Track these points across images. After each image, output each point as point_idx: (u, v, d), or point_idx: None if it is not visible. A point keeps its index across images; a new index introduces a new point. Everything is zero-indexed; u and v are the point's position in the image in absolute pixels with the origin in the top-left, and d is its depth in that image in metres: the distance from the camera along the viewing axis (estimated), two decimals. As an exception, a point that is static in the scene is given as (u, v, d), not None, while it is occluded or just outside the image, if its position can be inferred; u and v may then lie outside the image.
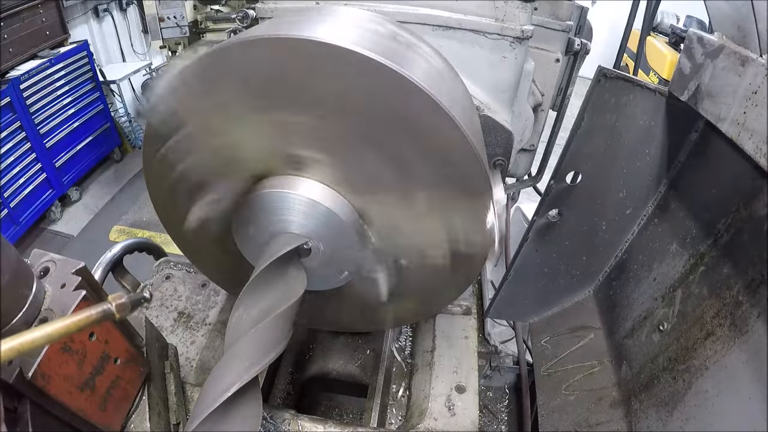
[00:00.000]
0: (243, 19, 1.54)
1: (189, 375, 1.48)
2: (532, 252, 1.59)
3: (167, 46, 5.54)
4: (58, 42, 5.70)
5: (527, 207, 3.69)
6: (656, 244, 1.45)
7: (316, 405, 2.21)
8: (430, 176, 0.98)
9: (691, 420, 1.12)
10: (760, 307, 1.02)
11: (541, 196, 1.50)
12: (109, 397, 1.03)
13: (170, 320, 1.67)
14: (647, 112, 1.30)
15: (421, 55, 1.08)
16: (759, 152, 0.94)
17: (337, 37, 0.86)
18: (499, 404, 1.99)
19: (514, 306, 1.76)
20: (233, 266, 1.26)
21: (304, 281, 1.07)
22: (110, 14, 6.97)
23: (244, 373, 0.92)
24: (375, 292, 1.23)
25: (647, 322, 1.39)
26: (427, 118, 0.89)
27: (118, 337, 1.05)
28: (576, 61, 1.87)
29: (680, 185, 1.40)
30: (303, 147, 0.99)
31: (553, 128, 2.10)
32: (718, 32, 1.13)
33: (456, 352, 1.63)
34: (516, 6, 1.29)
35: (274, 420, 1.37)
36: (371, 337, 1.97)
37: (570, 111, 1.90)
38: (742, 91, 1.00)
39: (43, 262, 0.97)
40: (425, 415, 1.43)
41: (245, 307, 1.00)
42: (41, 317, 0.88)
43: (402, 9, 1.33)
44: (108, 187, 6.43)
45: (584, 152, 1.36)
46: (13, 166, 4.99)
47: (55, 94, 5.50)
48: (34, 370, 0.82)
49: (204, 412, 0.87)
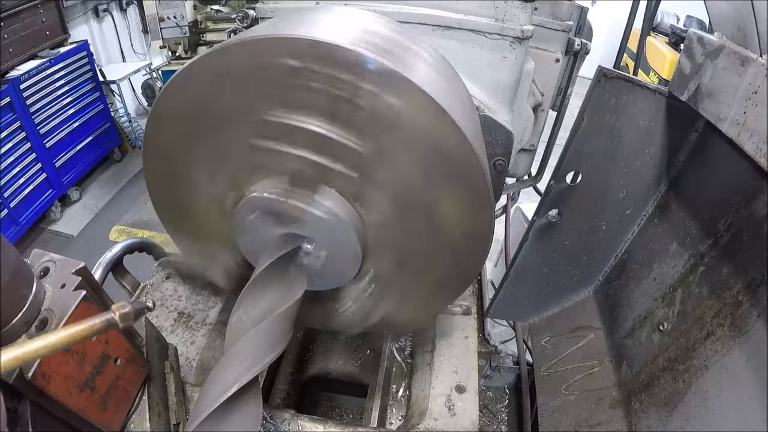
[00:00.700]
0: (243, 19, 1.54)
1: (189, 375, 1.48)
2: (532, 252, 1.59)
3: (167, 46, 5.54)
4: (58, 42, 5.71)
5: (527, 207, 3.69)
6: (656, 244, 1.45)
7: (316, 405, 2.22)
8: (430, 177, 0.98)
9: (691, 420, 1.12)
10: (760, 307, 1.02)
11: (541, 196, 1.50)
12: (109, 397, 1.03)
13: (170, 320, 1.67)
14: (647, 112, 1.30)
15: (422, 56, 1.08)
16: (759, 152, 0.94)
17: (337, 36, 0.86)
18: (499, 404, 1.98)
19: (514, 306, 1.76)
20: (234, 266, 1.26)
21: (305, 281, 1.07)
22: (110, 14, 6.98)
23: (245, 373, 0.92)
24: (374, 295, 1.23)
25: (647, 322, 1.39)
26: (428, 120, 0.89)
27: (118, 337, 1.05)
28: (576, 61, 1.87)
29: (680, 185, 1.40)
30: (304, 149, 0.99)
31: (553, 128, 2.10)
32: (718, 32, 1.13)
33: (456, 352, 1.63)
34: (516, 6, 1.29)
35: (274, 420, 1.37)
36: (371, 337, 1.97)
37: (570, 111, 1.90)
38: (742, 91, 1.00)
39: (43, 262, 0.97)
40: (425, 415, 1.43)
41: (246, 307, 1.00)
42: (41, 317, 0.88)
43: (402, 9, 1.33)
44: (108, 187, 6.43)
45: (584, 152, 1.36)
46: (13, 166, 4.99)
47: (55, 94, 5.51)
48: (34, 370, 0.82)
49: (204, 412, 0.87)
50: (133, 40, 7.52)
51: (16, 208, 5.03)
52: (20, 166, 5.07)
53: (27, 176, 5.18)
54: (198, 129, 1.02)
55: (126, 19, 7.34)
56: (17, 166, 5.04)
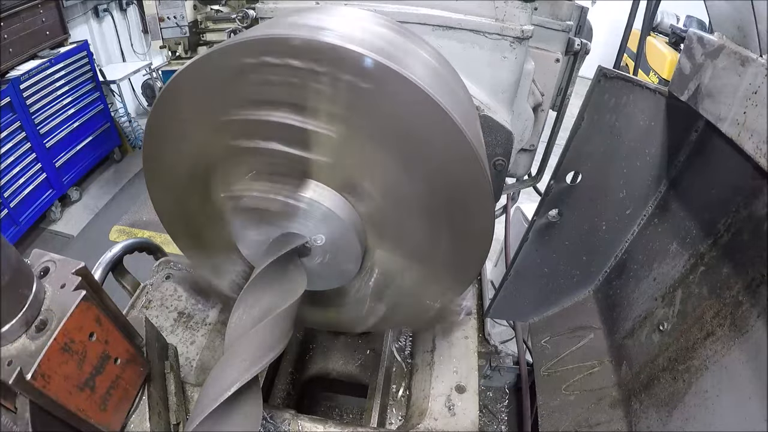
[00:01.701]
0: (243, 19, 1.54)
1: (189, 375, 1.48)
2: (532, 252, 1.60)
3: (167, 46, 5.55)
4: (58, 42, 5.71)
5: (527, 207, 3.69)
6: (656, 244, 1.45)
7: (316, 405, 2.22)
8: (430, 177, 0.98)
9: (691, 420, 1.12)
10: (760, 307, 1.02)
11: (541, 196, 1.50)
12: (109, 397, 1.03)
13: (170, 320, 1.67)
14: (647, 112, 1.30)
15: (421, 55, 1.08)
16: (759, 152, 0.94)
17: (337, 36, 0.86)
18: (499, 404, 1.99)
19: (514, 306, 1.76)
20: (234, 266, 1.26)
21: (305, 281, 1.07)
22: (110, 14, 6.98)
23: (245, 372, 0.92)
24: (375, 293, 1.23)
25: (647, 322, 1.39)
26: (428, 119, 0.89)
27: (118, 337, 1.05)
28: (576, 61, 1.87)
29: (680, 185, 1.40)
30: (305, 148, 0.99)
31: (553, 128, 2.10)
32: (718, 32, 1.13)
33: (456, 352, 1.63)
34: (516, 6, 1.29)
35: (274, 420, 1.37)
36: (371, 337, 1.97)
37: (570, 111, 1.90)
38: (742, 91, 1.00)
39: (43, 262, 0.97)
40: (425, 415, 1.43)
41: (246, 307, 1.00)
42: (41, 317, 0.88)
43: (402, 9, 1.33)
44: (108, 187, 6.43)
45: (584, 152, 1.36)
46: (13, 166, 5.00)
47: (55, 94, 5.51)
48: (34, 370, 0.82)
49: (204, 412, 0.87)
50: (133, 40, 7.52)
51: (16, 208, 5.04)
52: (20, 166, 5.08)
53: (27, 176, 5.18)
54: (183, 143, 1.04)
55: (126, 19, 7.35)
56: (17, 166, 5.04)
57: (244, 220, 1.07)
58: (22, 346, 0.85)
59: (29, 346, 0.85)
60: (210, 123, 1.00)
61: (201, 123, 1.01)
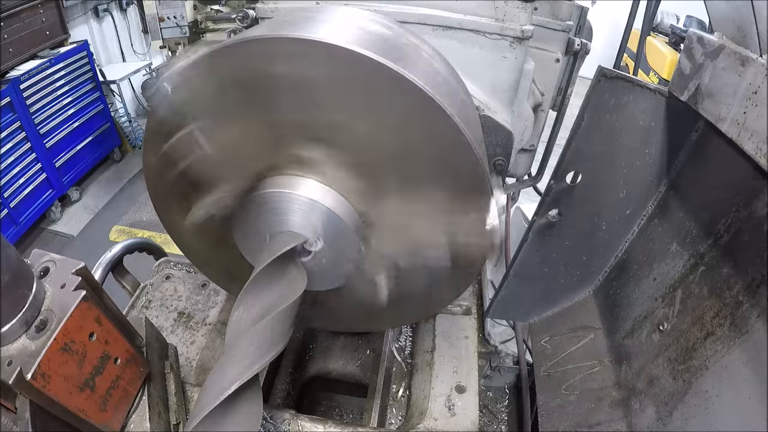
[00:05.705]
0: (243, 19, 1.54)
1: (189, 375, 1.48)
2: (532, 252, 1.59)
3: (167, 46, 5.53)
4: (58, 42, 5.70)
5: (527, 207, 3.69)
6: (656, 244, 1.45)
7: (316, 405, 2.21)
8: (431, 177, 0.98)
9: (691, 420, 1.12)
10: (760, 307, 1.02)
11: (541, 196, 1.50)
12: (109, 397, 1.03)
13: (170, 320, 1.67)
14: (647, 112, 1.30)
15: (422, 55, 1.08)
16: (759, 152, 0.94)
17: (337, 36, 0.86)
18: (499, 404, 1.99)
19: (514, 306, 1.76)
20: (234, 266, 1.26)
21: (305, 280, 1.07)
22: (110, 14, 6.97)
23: (245, 371, 0.92)
24: (374, 293, 1.23)
25: (647, 322, 1.39)
26: (428, 119, 0.89)
27: (118, 337, 1.05)
28: (576, 61, 1.87)
29: (680, 185, 1.40)
30: (306, 147, 0.99)
31: (553, 128, 2.10)
32: (718, 32, 1.13)
33: (456, 352, 1.63)
34: (516, 6, 1.29)
35: (274, 420, 1.37)
36: (371, 337, 1.97)
37: (570, 111, 1.90)
38: (742, 91, 1.00)
39: (43, 262, 0.97)
40: (425, 415, 1.43)
41: (246, 306, 1.00)
42: (41, 317, 0.88)
43: (402, 9, 1.33)
44: (108, 187, 6.42)
45: (584, 152, 1.36)
46: (13, 166, 4.99)
47: (55, 94, 5.50)
48: (34, 371, 0.82)
49: (204, 411, 0.87)
50: (133, 40, 7.51)
51: (16, 208, 5.03)
52: (20, 166, 5.07)
53: (27, 176, 5.17)
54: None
55: (126, 19, 7.33)
56: (17, 166, 5.03)
57: (237, 221, 1.07)
58: (22, 346, 0.85)
59: (29, 346, 0.85)
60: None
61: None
